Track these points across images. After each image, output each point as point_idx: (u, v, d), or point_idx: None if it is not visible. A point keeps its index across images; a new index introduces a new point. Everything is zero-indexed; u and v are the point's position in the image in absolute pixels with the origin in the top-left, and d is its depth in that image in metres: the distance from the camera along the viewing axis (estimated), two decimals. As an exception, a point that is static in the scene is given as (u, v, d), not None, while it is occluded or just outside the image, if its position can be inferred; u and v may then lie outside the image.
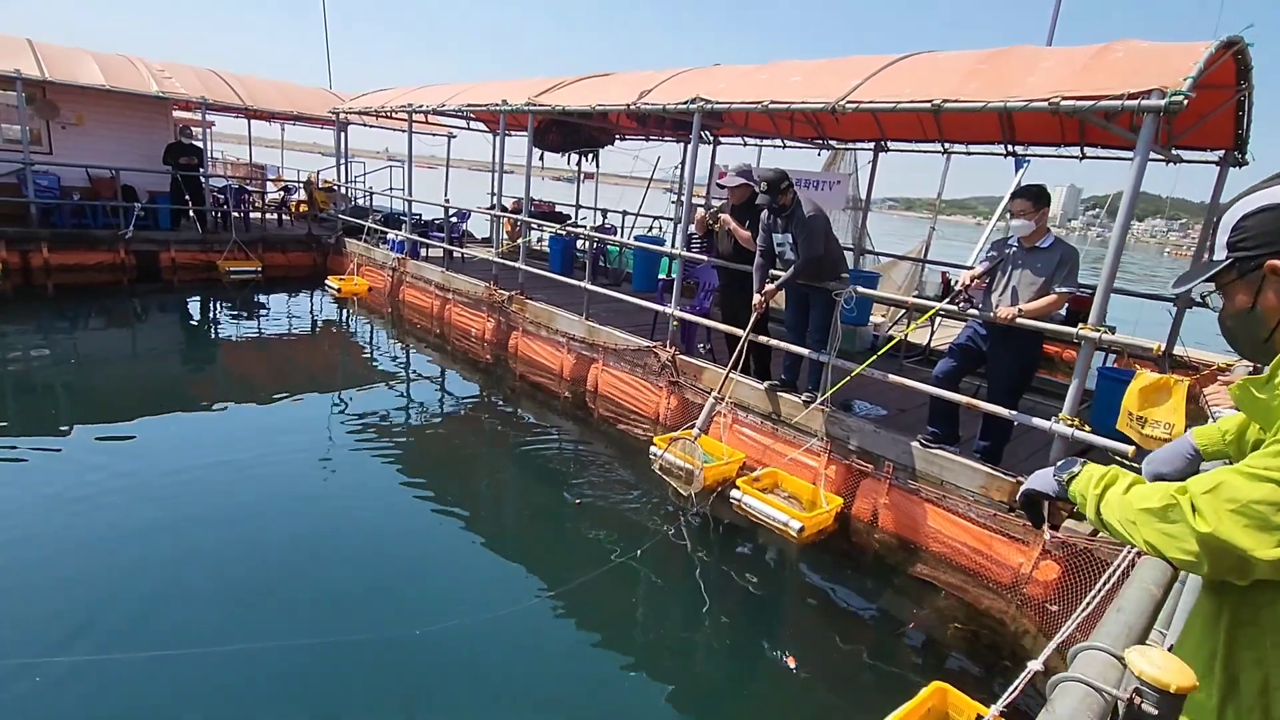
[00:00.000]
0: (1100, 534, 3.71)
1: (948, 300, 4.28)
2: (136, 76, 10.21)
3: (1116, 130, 3.92)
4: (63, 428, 5.31)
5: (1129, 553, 2.77)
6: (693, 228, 6.02)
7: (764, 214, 4.82)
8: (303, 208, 13.03)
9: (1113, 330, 3.76)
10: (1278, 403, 1.11)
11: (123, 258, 9.96)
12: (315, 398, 6.53)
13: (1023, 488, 1.59)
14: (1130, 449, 3.53)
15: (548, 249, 10.31)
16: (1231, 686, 1.10)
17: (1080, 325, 3.69)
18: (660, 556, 4.23)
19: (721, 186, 5.50)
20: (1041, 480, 1.53)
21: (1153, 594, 1.24)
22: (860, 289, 4.60)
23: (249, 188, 13.00)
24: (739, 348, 5.04)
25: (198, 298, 10.15)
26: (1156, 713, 0.89)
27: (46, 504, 4.18)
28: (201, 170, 10.71)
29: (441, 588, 3.83)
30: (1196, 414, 4.16)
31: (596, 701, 3.12)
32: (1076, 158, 6.54)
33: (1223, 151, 5.16)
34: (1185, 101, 3.22)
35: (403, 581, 3.83)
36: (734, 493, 4.63)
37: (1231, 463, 1.14)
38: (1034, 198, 3.87)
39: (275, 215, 13.07)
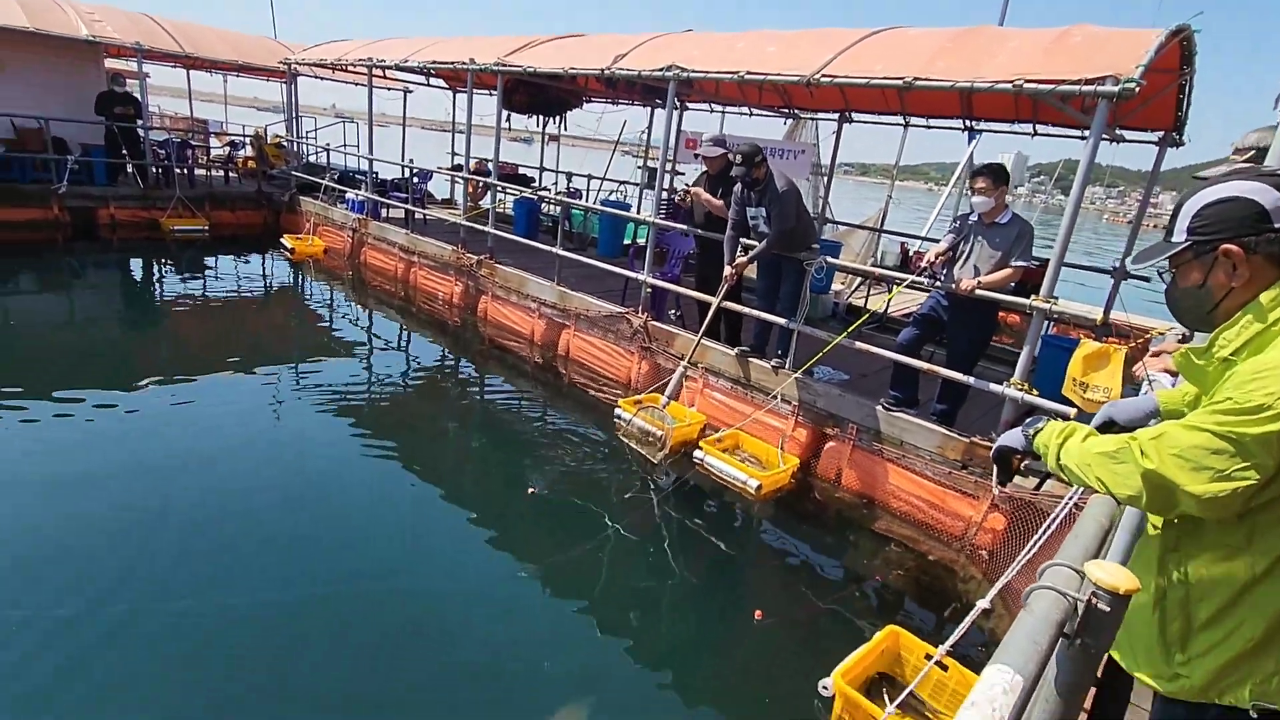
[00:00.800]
0: (1042, 488, 4.07)
1: (915, 274, 4.51)
2: (64, 19, 9.50)
3: (1070, 111, 4.15)
4: None
5: (1066, 505, 3.08)
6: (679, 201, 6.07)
7: (737, 187, 4.93)
8: (251, 164, 12.47)
9: (1056, 300, 4.05)
10: (1213, 369, 1.35)
11: (56, 214, 9.39)
12: (272, 364, 6.36)
13: (996, 444, 1.82)
14: (1073, 411, 3.85)
15: (511, 213, 10.22)
16: (1161, 595, 1.39)
17: (1033, 297, 3.97)
18: (626, 518, 4.38)
19: (699, 156, 5.57)
20: (1012, 437, 1.76)
21: (1101, 524, 1.48)
22: (829, 259, 4.80)
23: (192, 142, 12.34)
24: (710, 316, 5.20)
25: (140, 258, 9.66)
26: (1109, 610, 1.11)
27: None
28: (139, 122, 10.12)
29: (406, 551, 3.87)
30: (1129, 378, 4.55)
31: (563, 659, 3.22)
32: (1028, 134, 6.84)
33: (1162, 132, 5.50)
34: (1136, 89, 3.46)
35: (366, 545, 3.86)
36: (697, 453, 4.84)
37: None
38: (994, 176, 4.09)
39: (221, 172, 12.49)
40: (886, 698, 2.86)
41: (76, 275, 8.82)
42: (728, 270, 5.11)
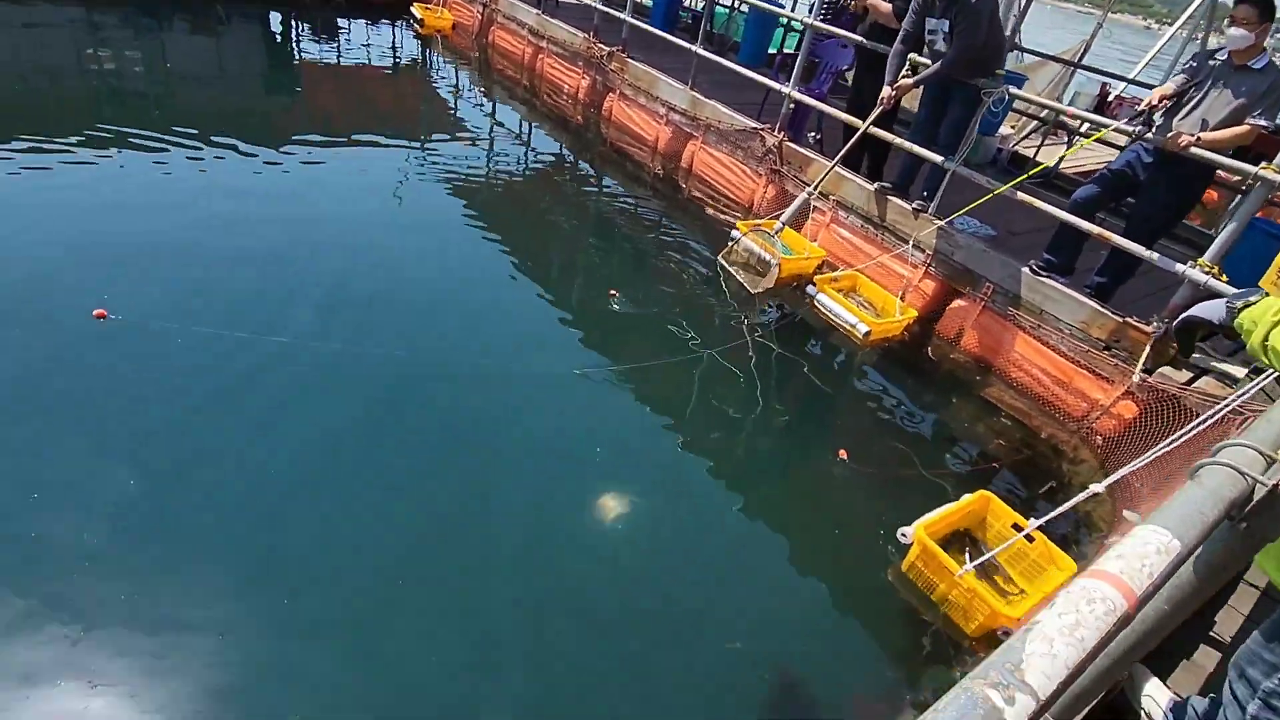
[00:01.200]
0: (1194, 383, 3.68)
1: (1134, 116, 3.78)
2: None
3: None
4: (153, 137, 5.42)
5: (1226, 406, 2.77)
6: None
7: None
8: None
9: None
10: None
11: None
12: (394, 139, 6.43)
13: (1187, 313, 1.58)
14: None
15: (649, 2, 9.29)
16: None
17: (1262, 165, 3.28)
18: (720, 342, 4.32)
19: None
20: (1210, 309, 1.52)
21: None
22: (1013, 90, 4.10)
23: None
24: (855, 138, 4.69)
25: (278, 14, 9.71)
26: None
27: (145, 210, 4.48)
28: None
29: (498, 336, 4.01)
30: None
31: (637, 466, 3.35)
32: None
33: None
34: None
35: (463, 325, 4.02)
36: (809, 288, 4.64)
37: None
38: (1260, 6, 3.22)
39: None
40: (968, 556, 2.87)
41: (222, 24, 8.98)
42: (886, 91, 4.50)
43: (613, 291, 4.50)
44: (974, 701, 0.73)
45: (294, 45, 8.96)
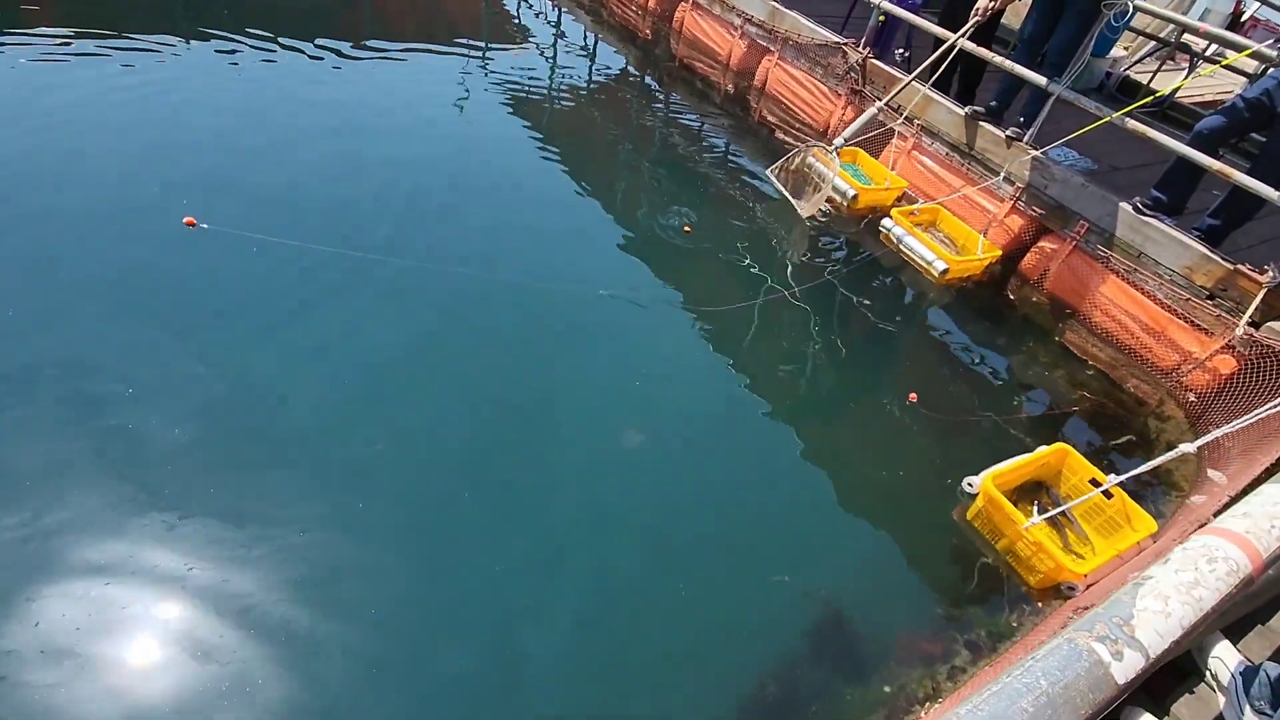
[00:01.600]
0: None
1: (1276, 40, 3.34)
2: None
3: None
4: (223, 36, 5.41)
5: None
6: None
7: None
8: None
9: None
10: None
11: None
12: (460, 48, 6.28)
13: None
14: None
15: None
16: None
17: None
18: (793, 273, 4.19)
19: None
20: None
21: None
22: (1141, 3, 3.65)
23: None
24: (945, 54, 4.30)
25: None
26: None
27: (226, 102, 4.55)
28: None
29: (564, 257, 3.94)
30: None
31: (704, 399, 3.33)
32: None
33: None
34: None
35: (530, 244, 3.97)
36: (885, 221, 4.40)
37: None
38: None
39: None
40: (1036, 507, 2.78)
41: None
42: (983, 2, 4.08)
43: (687, 228, 4.35)
44: (1078, 653, 0.68)
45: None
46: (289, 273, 3.36)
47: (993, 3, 4.04)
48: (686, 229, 4.36)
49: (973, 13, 4.12)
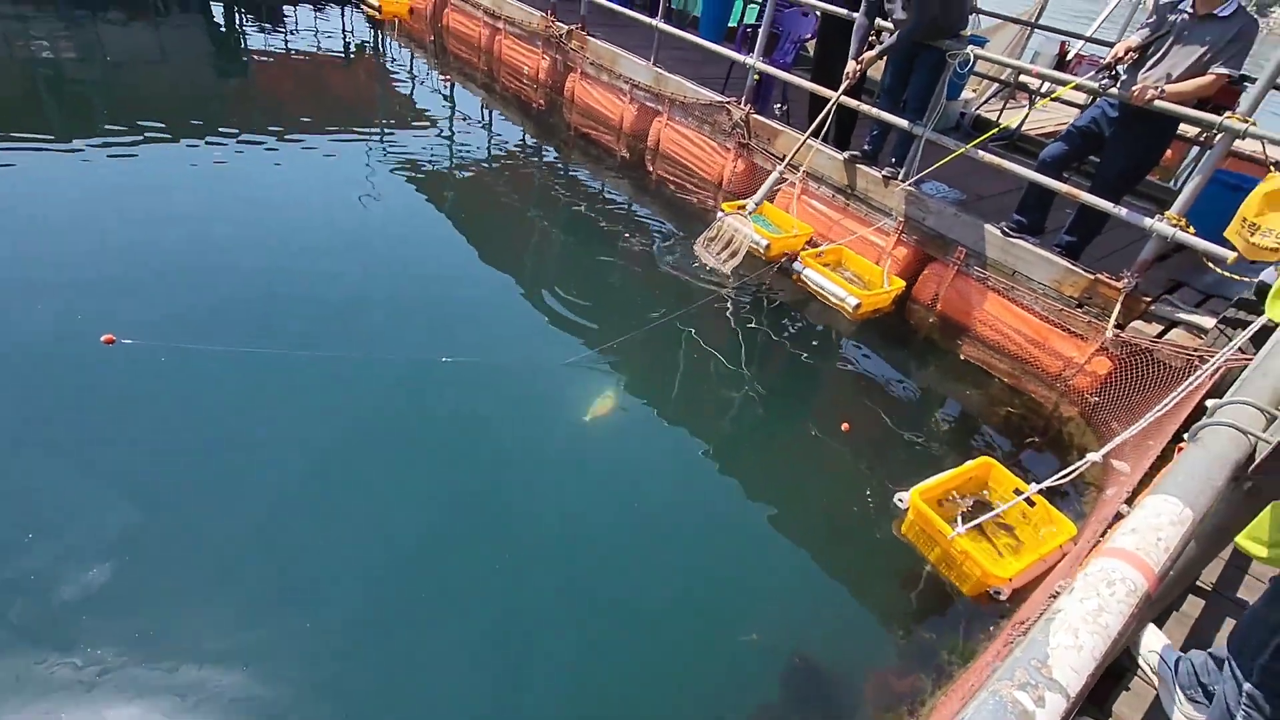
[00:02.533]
0: (1165, 336, 3.75)
1: (1091, 76, 3.80)
2: None
3: None
4: (98, 134, 5.18)
5: (1213, 365, 2.81)
6: None
7: None
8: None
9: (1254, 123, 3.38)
10: None
11: (136, -54, 8.94)
12: (353, 130, 6.22)
13: None
14: (1231, 256, 3.39)
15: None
16: None
17: (1227, 114, 3.32)
18: (710, 324, 4.31)
19: None
20: None
21: (1293, 368, 1.27)
22: (978, 51, 4.10)
23: None
24: (825, 112, 4.65)
25: (219, 2, 9.30)
26: None
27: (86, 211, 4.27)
28: None
29: (482, 329, 3.91)
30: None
31: (632, 451, 3.33)
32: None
33: None
34: None
35: (447, 320, 3.91)
36: (796, 264, 4.63)
37: None
38: None
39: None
40: (960, 516, 2.90)
41: (161, 13, 8.57)
42: (851, 65, 4.46)
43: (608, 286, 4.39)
44: (1003, 706, 0.70)
45: (239, 34, 8.58)
46: (206, 381, 3.15)
47: (858, 67, 4.40)
48: (608, 287, 4.43)
49: (844, 76, 4.48)
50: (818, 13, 5.04)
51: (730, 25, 8.19)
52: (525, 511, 2.88)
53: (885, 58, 4.51)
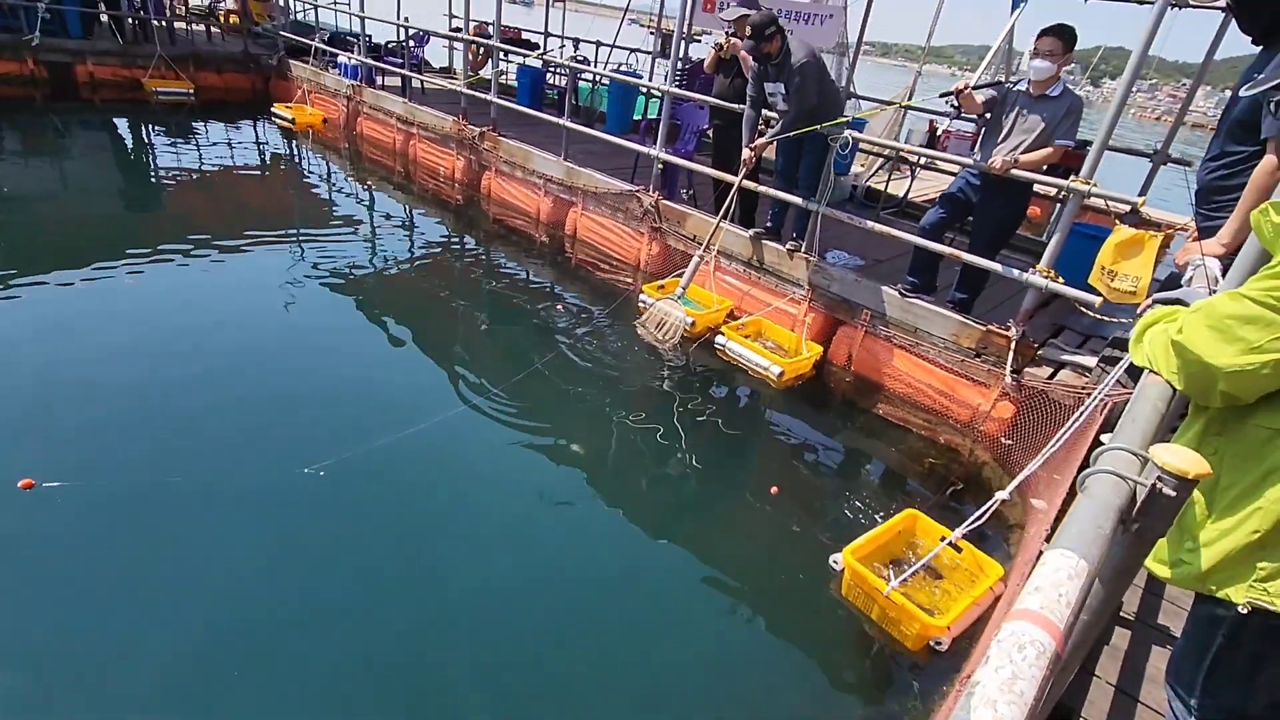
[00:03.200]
0: (1055, 377, 4.04)
1: (946, 93, 4.25)
2: None
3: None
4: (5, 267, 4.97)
5: (1093, 402, 3.03)
6: (710, 60, 5.53)
7: (753, 60, 4.56)
8: (234, 19, 11.59)
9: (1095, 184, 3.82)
10: None
11: (32, 69, 8.85)
12: (269, 241, 6.14)
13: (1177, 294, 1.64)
14: (1098, 300, 3.74)
15: (514, 83, 9.59)
16: None
17: (1071, 177, 3.74)
18: (635, 400, 4.38)
19: (725, 21, 5.07)
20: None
21: (1158, 408, 1.41)
22: (856, 134, 4.50)
23: (168, -9, 11.39)
24: (730, 197, 4.96)
25: (125, 121, 9.21)
26: (1174, 494, 1.06)
27: None
28: (111, -34, 9.28)
29: (401, 428, 3.78)
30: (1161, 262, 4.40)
31: (563, 526, 3.32)
32: (1079, 2, 6.24)
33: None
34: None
35: (361, 419, 3.80)
36: (719, 339, 4.79)
37: None
38: (1063, 38, 3.72)
39: (203, 26, 11.62)
40: (891, 570, 2.95)
41: (61, 136, 8.40)
42: (746, 153, 4.82)
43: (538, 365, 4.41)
44: None
45: (148, 153, 8.47)
46: (133, 515, 2.95)
47: (751, 155, 4.77)
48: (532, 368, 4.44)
49: (741, 163, 4.83)
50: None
51: (635, 118, 8.72)
52: (455, 584, 2.80)
53: (777, 142, 4.89)
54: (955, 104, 4.18)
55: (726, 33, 5.02)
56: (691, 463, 3.92)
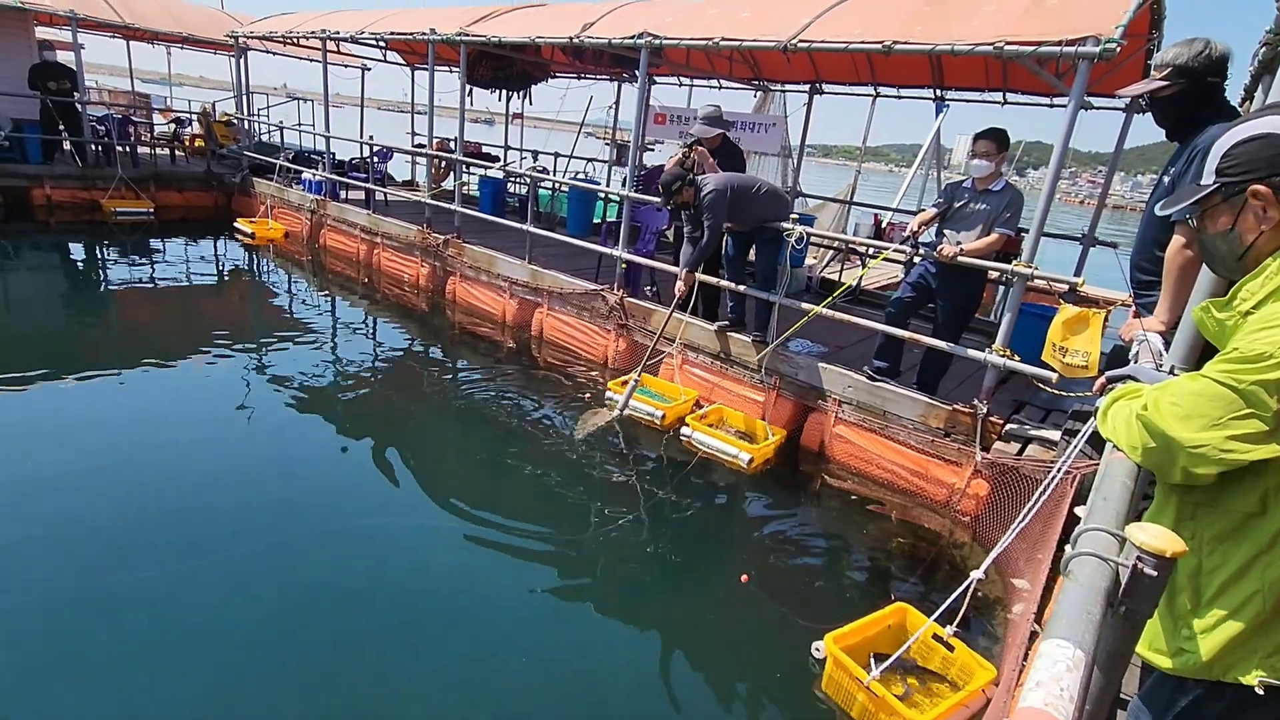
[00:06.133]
0: (1024, 453, 4.10)
1: (901, 242, 4.48)
2: (-14, -15, 8.86)
3: (1045, 76, 4.12)
4: None
5: (1055, 475, 3.07)
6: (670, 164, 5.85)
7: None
8: (199, 143, 11.89)
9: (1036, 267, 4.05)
10: (1232, 323, 1.29)
11: (-15, 194, 8.84)
12: (232, 356, 6.00)
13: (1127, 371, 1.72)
14: (1054, 376, 3.87)
15: (476, 193, 9.94)
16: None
17: (1015, 262, 3.96)
18: (609, 492, 4.29)
19: (694, 134, 5.41)
20: (1145, 376, 1.65)
21: (1127, 485, 1.42)
22: (808, 229, 4.73)
23: (134, 119, 11.69)
24: (683, 298, 5.10)
25: (80, 242, 9.13)
26: (1155, 574, 1.05)
27: None
28: (76, 95, 9.53)
29: (375, 541, 3.70)
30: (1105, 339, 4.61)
31: (543, 625, 3.19)
32: (998, 103, 6.86)
33: (1128, 99, 5.55)
34: (1117, 49, 3.43)
35: (331, 537, 3.66)
36: (684, 430, 4.77)
37: None
38: (997, 141, 4.08)
39: (167, 151, 11.88)
40: (873, 659, 2.82)
41: (8, 258, 8.27)
42: (680, 286, 5.05)
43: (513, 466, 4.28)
44: None
45: (101, 271, 8.37)
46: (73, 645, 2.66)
47: (685, 286, 5.07)
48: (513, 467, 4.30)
49: (677, 291, 5.07)
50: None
51: (596, 221, 9.06)
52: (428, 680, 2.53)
53: (729, 236, 5.10)
54: (914, 244, 4.41)
55: (684, 145, 5.35)
56: (664, 555, 3.81)
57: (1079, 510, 1.62)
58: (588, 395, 5.61)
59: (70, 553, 3.29)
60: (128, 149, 10.51)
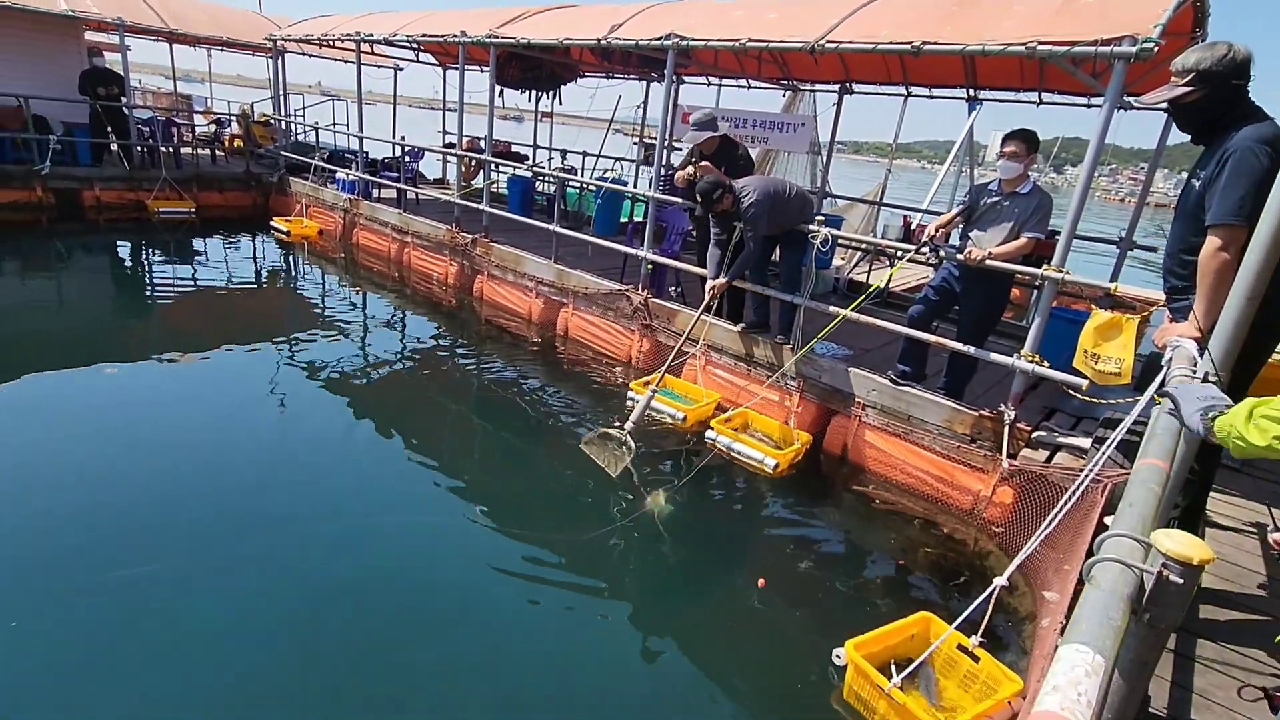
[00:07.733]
0: (1052, 460, 4.02)
1: (917, 249, 4.42)
2: (40, -8, 9.22)
3: (1081, 76, 4.03)
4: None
5: (1083, 481, 3.00)
6: (678, 180, 5.88)
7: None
8: (237, 143, 12.21)
9: (1068, 271, 3.97)
10: None
11: (40, 196, 9.20)
12: (266, 348, 6.20)
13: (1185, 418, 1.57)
14: (1084, 383, 3.78)
15: (505, 191, 10.05)
16: None
17: (1045, 266, 3.88)
18: (627, 498, 4.29)
19: (687, 142, 5.41)
20: (1186, 415, 1.54)
21: (1154, 491, 1.40)
22: (834, 232, 4.70)
23: (177, 120, 12.06)
24: (709, 301, 5.09)
25: (127, 241, 9.48)
26: (1181, 582, 1.04)
27: None
28: (124, 100, 9.86)
29: (402, 533, 3.79)
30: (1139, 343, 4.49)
31: (557, 624, 3.24)
32: (1034, 103, 6.72)
33: (1171, 100, 5.38)
34: (1155, 49, 3.35)
35: (364, 528, 3.76)
36: (709, 433, 4.77)
37: None
38: (1026, 141, 4.00)
39: (208, 151, 12.22)
40: (894, 666, 2.81)
41: (63, 258, 8.61)
42: (710, 293, 5.01)
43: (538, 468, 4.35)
44: None
45: (146, 271, 8.67)
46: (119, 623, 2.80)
47: (715, 290, 4.99)
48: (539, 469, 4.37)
49: (708, 295, 5.03)
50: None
51: (622, 220, 9.09)
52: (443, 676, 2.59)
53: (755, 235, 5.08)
54: (933, 247, 4.36)
55: (688, 160, 5.35)
56: (681, 557, 3.83)
57: (1109, 520, 1.60)
58: (613, 400, 5.64)
59: (95, 538, 3.44)
60: (171, 150, 10.84)
